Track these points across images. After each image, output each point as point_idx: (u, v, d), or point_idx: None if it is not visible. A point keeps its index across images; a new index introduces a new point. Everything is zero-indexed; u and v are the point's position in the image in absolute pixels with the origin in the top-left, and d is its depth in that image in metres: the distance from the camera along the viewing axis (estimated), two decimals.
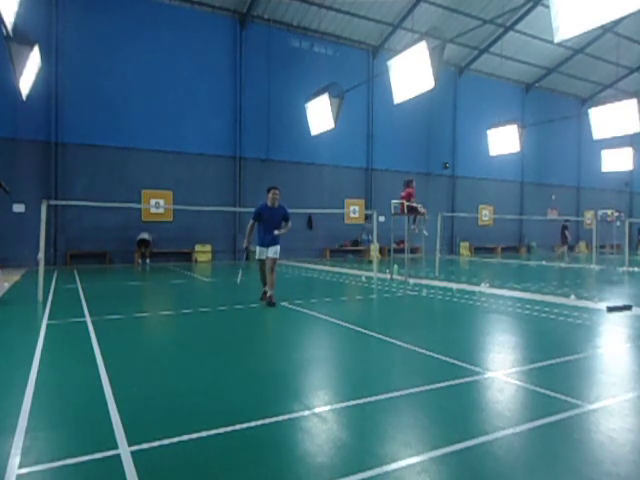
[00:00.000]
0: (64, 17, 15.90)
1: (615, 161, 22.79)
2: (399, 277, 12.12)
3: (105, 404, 3.30)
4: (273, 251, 7.86)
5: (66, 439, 2.80)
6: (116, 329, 6.02)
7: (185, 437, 2.77)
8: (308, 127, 17.02)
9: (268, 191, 8.08)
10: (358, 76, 20.20)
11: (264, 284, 8.06)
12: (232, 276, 13.68)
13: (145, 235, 16.59)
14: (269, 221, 7.88)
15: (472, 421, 3.08)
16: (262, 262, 7.96)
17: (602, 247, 23.44)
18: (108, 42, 16.59)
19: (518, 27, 22.54)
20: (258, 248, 7.96)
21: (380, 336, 5.51)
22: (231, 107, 19.00)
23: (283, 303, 7.95)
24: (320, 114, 15.98)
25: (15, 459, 2.51)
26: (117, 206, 14.25)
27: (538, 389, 3.67)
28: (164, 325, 6.65)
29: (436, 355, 4.64)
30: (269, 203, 7.95)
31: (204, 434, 2.82)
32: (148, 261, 16.73)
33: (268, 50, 19.56)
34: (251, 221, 7.99)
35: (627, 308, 7.40)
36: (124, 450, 2.61)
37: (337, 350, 5.16)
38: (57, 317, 6.63)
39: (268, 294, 7.75)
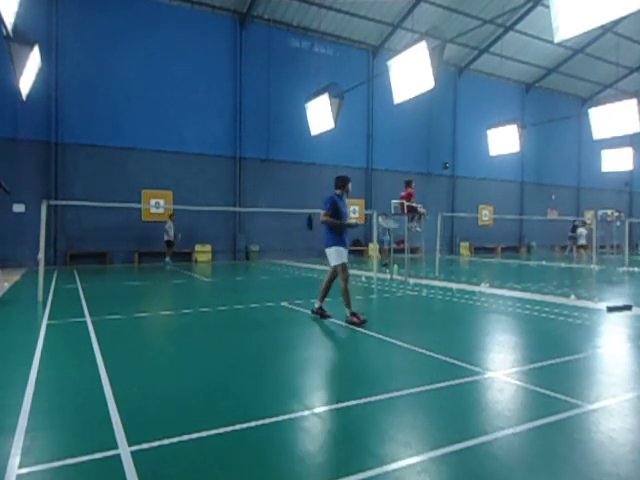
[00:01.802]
0: (64, 17, 15.90)
1: (615, 161, 22.76)
2: (399, 277, 12.12)
3: (105, 404, 3.30)
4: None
5: (66, 439, 2.80)
6: (116, 329, 6.02)
7: (185, 437, 2.77)
8: (308, 127, 17.01)
9: (344, 181, 6.58)
10: (358, 76, 20.19)
11: (324, 296, 6.64)
12: (232, 276, 13.70)
13: (171, 237, 16.62)
14: (345, 216, 6.50)
15: (472, 421, 3.08)
16: (345, 266, 6.40)
17: (602, 247, 23.44)
18: (108, 42, 16.59)
19: (518, 27, 22.54)
20: (340, 249, 6.32)
21: (380, 336, 5.51)
22: (231, 107, 19.00)
23: (283, 303, 7.95)
24: (320, 114, 15.97)
25: (15, 459, 2.51)
26: (117, 206, 14.25)
27: (538, 389, 3.66)
28: (164, 325, 6.65)
29: (436, 355, 4.64)
30: (338, 193, 6.60)
31: (204, 434, 2.82)
32: (168, 259, 16.78)
33: (268, 50, 19.56)
34: (328, 213, 6.39)
35: (627, 308, 7.40)
36: (124, 450, 2.61)
37: (337, 350, 5.16)
38: (57, 317, 6.63)
39: (351, 311, 6.29)
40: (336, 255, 6.33)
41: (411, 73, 11.71)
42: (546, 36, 20.91)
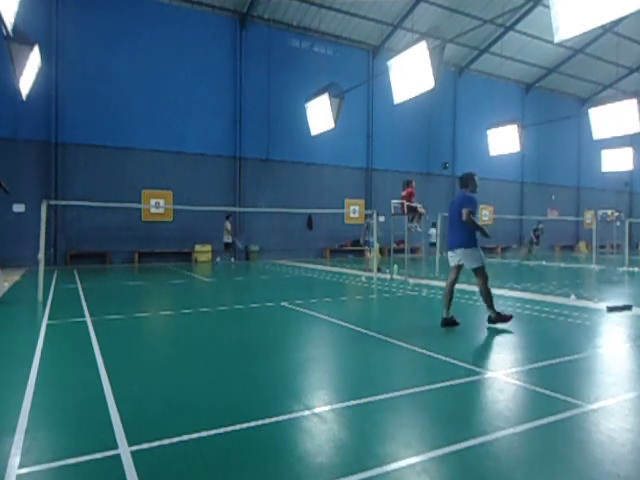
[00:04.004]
0: (64, 17, 15.90)
1: (615, 161, 22.78)
2: (399, 277, 12.12)
3: (105, 404, 3.30)
4: None
5: (66, 439, 2.80)
6: (116, 329, 6.02)
7: (185, 437, 2.77)
8: (308, 127, 17.02)
9: (472, 177, 6.28)
10: (358, 76, 20.20)
11: (450, 300, 6.22)
12: (232, 276, 13.70)
13: (229, 239, 17.06)
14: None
15: (472, 421, 3.08)
16: (485, 266, 6.15)
17: (602, 247, 23.45)
18: (108, 42, 16.59)
19: (518, 27, 22.54)
20: (480, 250, 6.23)
21: (380, 336, 5.50)
22: (231, 107, 19.00)
23: (283, 303, 7.96)
24: (320, 114, 15.97)
25: (15, 459, 2.51)
26: (117, 206, 14.25)
27: (538, 389, 3.66)
28: (164, 325, 6.65)
29: (436, 355, 4.63)
30: (470, 190, 6.32)
31: (204, 434, 2.82)
32: (218, 259, 17.57)
33: (268, 50, 19.56)
34: (473, 212, 6.10)
35: (627, 308, 7.39)
36: (124, 450, 2.61)
37: (337, 350, 5.16)
38: (57, 317, 6.63)
39: (496, 311, 6.04)
40: (478, 256, 6.12)
41: (411, 73, 11.72)
42: (546, 36, 20.90)
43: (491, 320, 6.13)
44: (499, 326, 6.09)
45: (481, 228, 6.18)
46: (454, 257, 6.30)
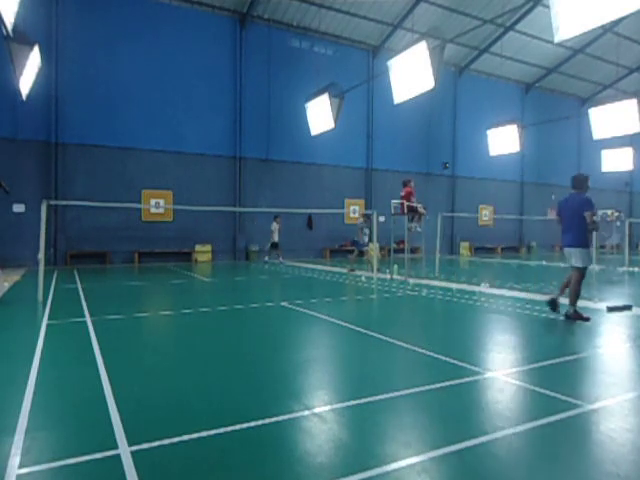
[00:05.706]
0: (64, 17, 15.89)
1: (615, 161, 22.78)
2: (399, 277, 12.12)
3: (105, 404, 3.30)
4: None
5: (66, 439, 2.80)
6: (116, 329, 6.02)
7: (185, 437, 2.77)
8: (308, 127, 17.01)
9: (586, 179, 6.63)
10: (358, 76, 20.19)
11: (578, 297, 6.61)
12: (232, 276, 13.70)
13: (276, 238, 17.41)
14: None
15: (472, 421, 3.08)
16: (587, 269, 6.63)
17: (602, 247, 23.44)
18: (108, 42, 16.58)
19: (518, 27, 22.53)
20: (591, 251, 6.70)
21: (380, 336, 5.50)
22: (231, 107, 18.99)
23: (283, 303, 7.96)
24: (320, 114, 15.97)
25: (15, 459, 2.51)
26: (117, 206, 14.25)
27: (538, 389, 3.67)
28: (164, 325, 6.65)
29: (436, 355, 4.64)
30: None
31: (204, 434, 2.82)
32: (267, 258, 18.03)
33: (268, 50, 19.55)
34: (595, 213, 6.55)
35: (627, 308, 7.40)
36: (124, 450, 2.61)
37: (337, 350, 5.16)
38: (57, 317, 6.63)
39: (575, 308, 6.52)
40: (588, 258, 6.57)
41: (411, 73, 11.72)
42: (546, 36, 20.90)
43: (568, 316, 6.49)
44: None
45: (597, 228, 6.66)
46: (571, 255, 6.62)
